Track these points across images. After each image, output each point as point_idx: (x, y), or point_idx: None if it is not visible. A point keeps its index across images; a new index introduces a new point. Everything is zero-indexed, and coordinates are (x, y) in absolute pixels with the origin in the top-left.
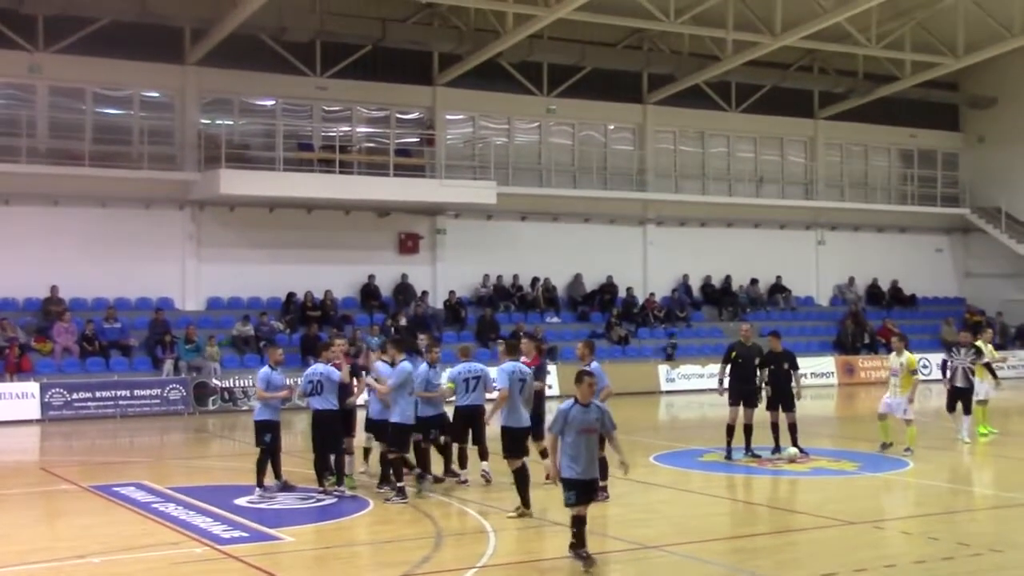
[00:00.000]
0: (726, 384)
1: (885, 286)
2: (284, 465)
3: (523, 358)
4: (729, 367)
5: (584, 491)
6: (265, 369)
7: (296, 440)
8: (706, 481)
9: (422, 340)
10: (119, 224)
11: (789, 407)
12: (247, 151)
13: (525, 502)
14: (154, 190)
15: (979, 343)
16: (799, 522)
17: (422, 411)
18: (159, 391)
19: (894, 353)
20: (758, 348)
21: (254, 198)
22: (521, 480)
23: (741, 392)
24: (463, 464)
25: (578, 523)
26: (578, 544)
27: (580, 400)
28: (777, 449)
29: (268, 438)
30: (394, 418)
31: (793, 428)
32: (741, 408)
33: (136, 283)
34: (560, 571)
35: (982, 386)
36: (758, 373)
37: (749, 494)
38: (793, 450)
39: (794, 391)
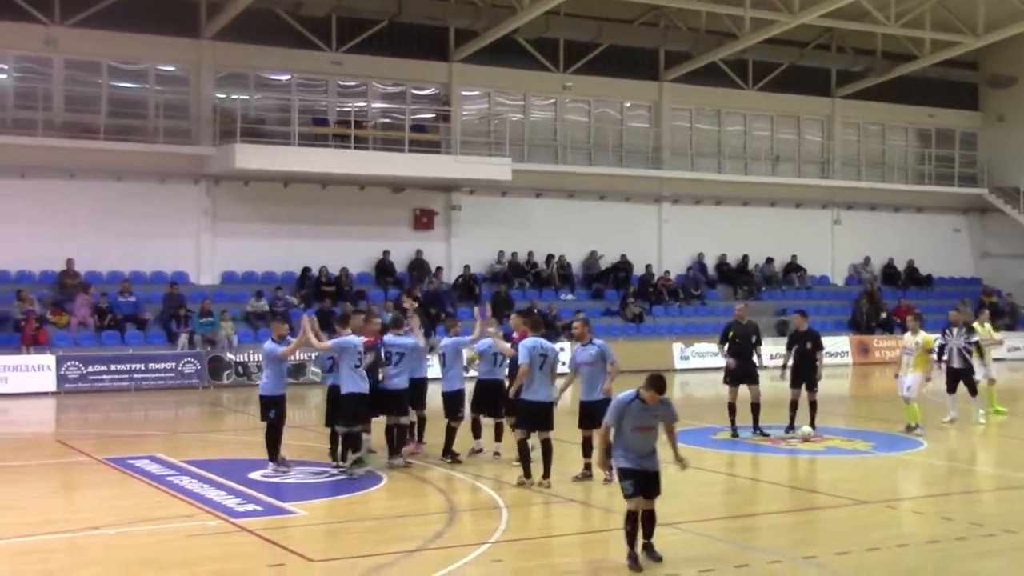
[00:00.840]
0: (731, 364)
1: (901, 266)
2: (301, 440)
3: (514, 334)
4: (727, 347)
5: (643, 481)
6: (270, 344)
7: (311, 415)
8: (720, 459)
9: (407, 307)
10: (134, 198)
11: (812, 386)
12: (262, 126)
13: (526, 471)
14: (169, 164)
15: (976, 324)
16: (813, 501)
17: (447, 385)
18: (173, 364)
19: (909, 333)
20: (754, 326)
21: (269, 173)
22: (525, 451)
23: (740, 372)
24: (477, 434)
25: (631, 519)
26: (630, 541)
27: (643, 398)
28: (792, 428)
29: (272, 414)
30: (345, 388)
31: (813, 407)
32: (741, 387)
33: (151, 257)
34: (572, 547)
35: (982, 367)
36: (756, 351)
37: (763, 472)
38: (807, 429)
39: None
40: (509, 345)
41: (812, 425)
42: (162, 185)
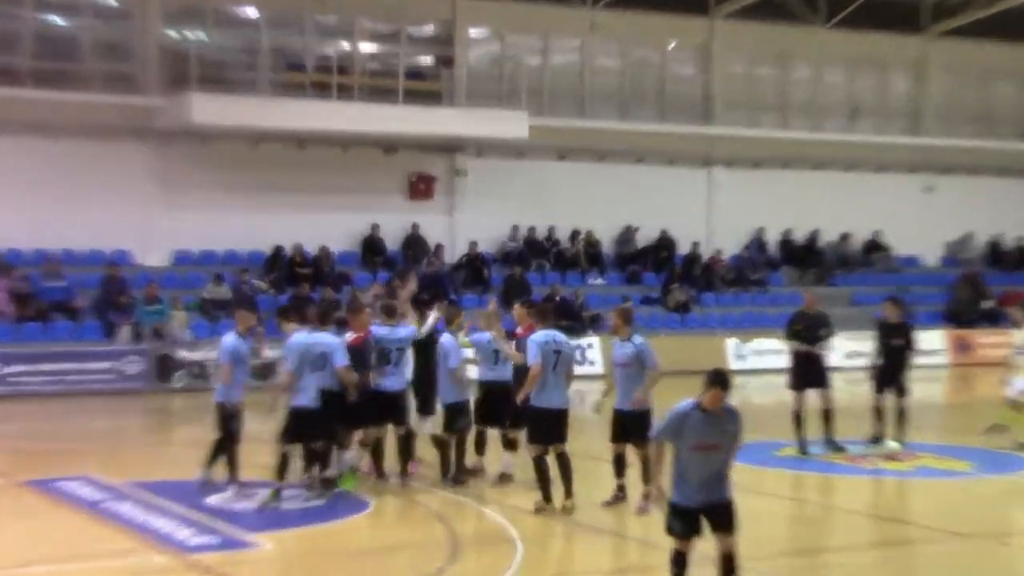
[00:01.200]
0: (823, 345)
1: (1010, 243)
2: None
3: (518, 328)
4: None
5: (693, 522)
6: (231, 338)
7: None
8: (784, 481)
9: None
10: (65, 159)
11: (901, 391)
12: (223, 72)
13: (546, 495)
14: (108, 117)
15: None
16: (900, 534)
17: (447, 395)
18: (113, 364)
19: (1017, 327)
20: (823, 318)
21: (232, 129)
22: (543, 470)
23: (807, 373)
24: (481, 450)
25: (677, 562)
26: None
27: (705, 405)
28: (876, 441)
29: (234, 424)
30: (295, 401)
31: (902, 417)
32: (809, 393)
33: (86, 232)
34: None
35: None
36: (825, 348)
37: (838, 498)
38: (894, 444)
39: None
40: (514, 344)
41: (900, 439)
42: (100, 143)
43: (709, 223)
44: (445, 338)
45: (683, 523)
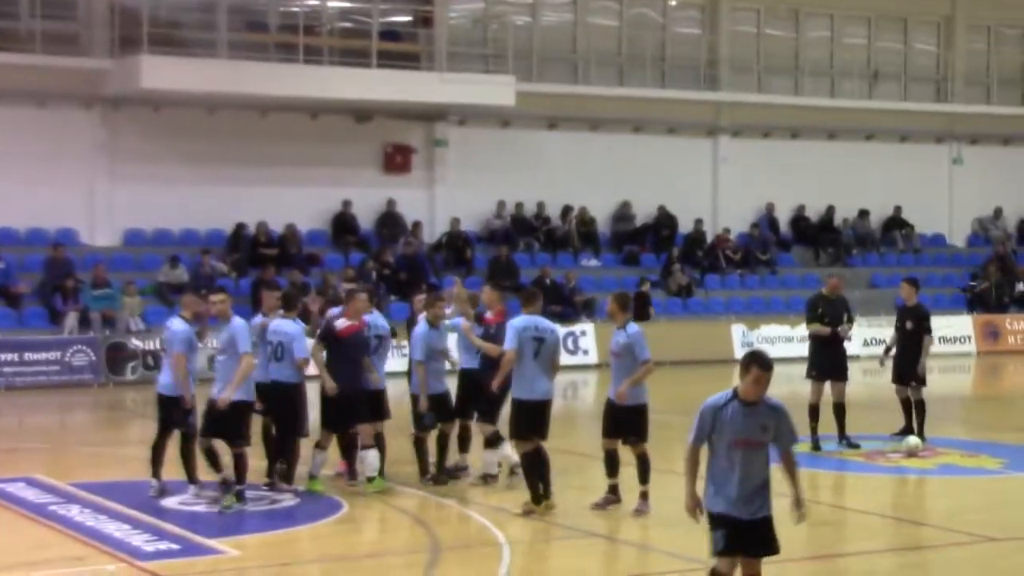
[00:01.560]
0: (848, 332)
1: None
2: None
3: (488, 314)
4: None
5: (740, 534)
6: (180, 324)
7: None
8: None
9: (357, 289)
10: (2, 128)
11: (917, 381)
12: (177, 31)
13: (535, 496)
14: (50, 82)
15: None
16: (922, 537)
17: (413, 388)
18: (59, 354)
19: None
20: (845, 303)
21: (187, 95)
22: (532, 467)
23: (827, 362)
24: (464, 447)
25: None
26: None
27: (742, 395)
28: (904, 433)
29: (191, 419)
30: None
31: (920, 410)
32: (828, 384)
33: (26, 209)
34: None
35: None
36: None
37: (854, 498)
38: (915, 440)
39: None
40: (482, 330)
41: (920, 434)
42: (41, 110)
43: (714, 198)
44: (418, 327)
45: (726, 532)
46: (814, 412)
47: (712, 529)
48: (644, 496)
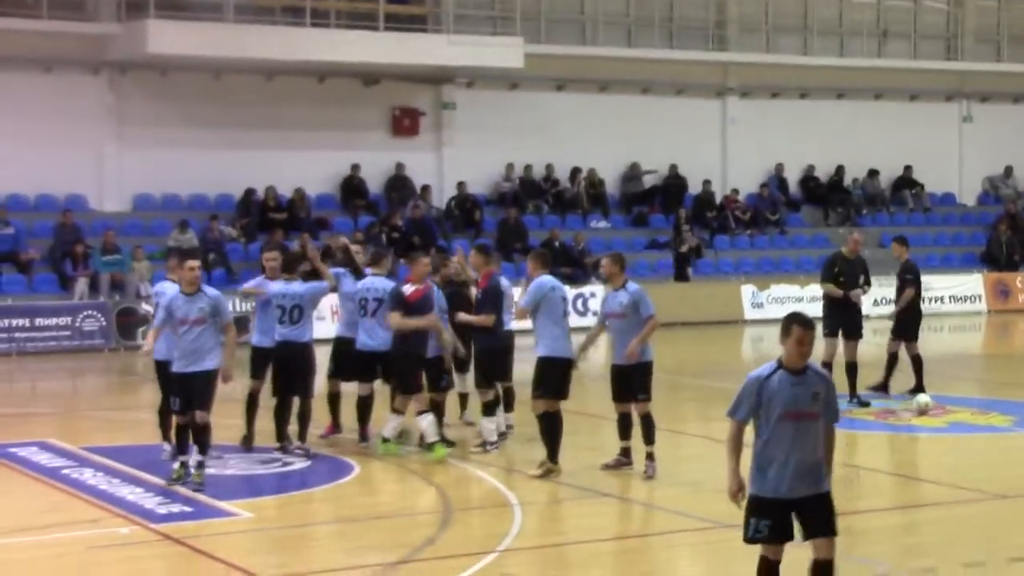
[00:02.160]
0: (860, 296)
1: None
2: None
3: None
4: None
5: (783, 520)
6: (168, 287)
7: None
8: None
9: (353, 247)
10: (9, 93)
11: (909, 336)
12: None
13: (555, 455)
14: (58, 47)
15: None
16: (932, 494)
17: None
18: (69, 320)
19: None
20: (863, 264)
21: (195, 59)
22: (550, 428)
23: (841, 320)
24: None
25: (767, 571)
26: None
27: (787, 363)
28: (915, 392)
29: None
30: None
31: (916, 365)
32: (840, 341)
33: (35, 174)
34: (605, 556)
35: None
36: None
37: (863, 456)
38: (925, 398)
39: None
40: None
41: (920, 388)
42: (48, 76)
43: (723, 159)
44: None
45: (771, 523)
46: (827, 369)
47: (749, 514)
48: (651, 457)
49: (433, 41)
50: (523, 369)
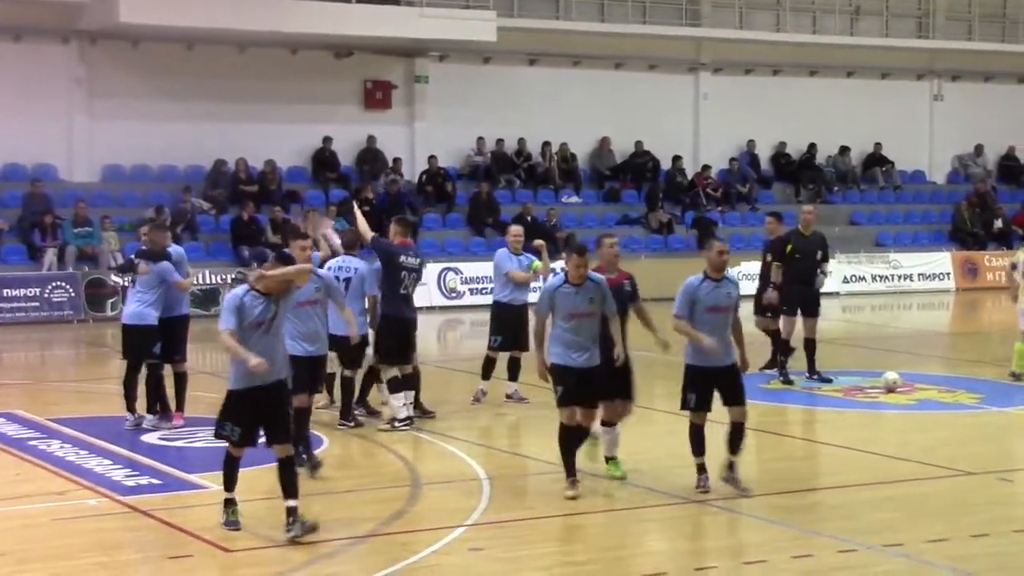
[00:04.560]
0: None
1: None
2: (215, 391)
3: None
4: (780, 267)
5: (579, 384)
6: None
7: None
8: (772, 415)
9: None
10: None
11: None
12: None
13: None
14: (26, 16)
15: None
16: (899, 471)
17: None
18: (38, 291)
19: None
20: (820, 238)
21: (166, 30)
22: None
23: (799, 297)
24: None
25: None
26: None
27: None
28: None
29: (157, 348)
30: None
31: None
32: (799, 319)
33: (4, 144)
34: (578, 530)
35: None
36: (821, 271)
37: (830, 433)
38: (893, 376)
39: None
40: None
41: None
42: (16, 45)
43: (696, 135)
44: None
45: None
46: (785, 347)
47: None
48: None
49: (406, 14)
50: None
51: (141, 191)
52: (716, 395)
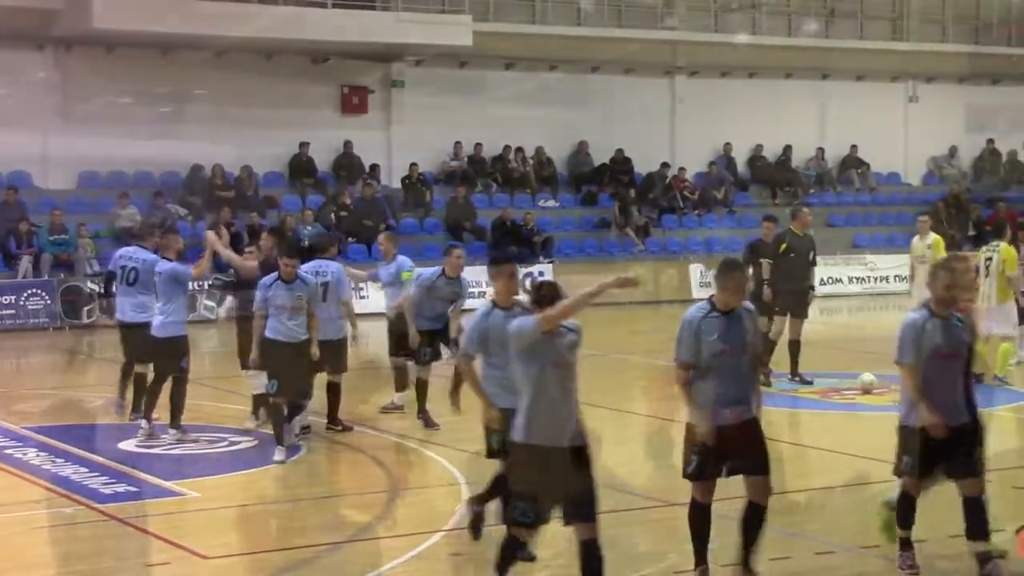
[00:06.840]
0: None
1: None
2: (192, 397)
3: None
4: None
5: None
6: (171, 263)
7: (202, 363)
8: None
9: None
10: None
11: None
12: None
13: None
14: (1, 22)
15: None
16: (878, 472)
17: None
18: (13, 298)
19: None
20: (812, 241)
21: (140, 35)
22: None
23: (791, 297)
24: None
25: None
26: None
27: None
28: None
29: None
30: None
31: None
32: (788, 319)
33: None
34: (559, 534)
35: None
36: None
37: (808, 435)
38: (869, 377)
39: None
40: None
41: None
42: None
43: (672, 138)
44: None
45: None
46: (770, 347)
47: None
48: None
49: (382, 18)
50: None
51: (117, 198)
52: None
